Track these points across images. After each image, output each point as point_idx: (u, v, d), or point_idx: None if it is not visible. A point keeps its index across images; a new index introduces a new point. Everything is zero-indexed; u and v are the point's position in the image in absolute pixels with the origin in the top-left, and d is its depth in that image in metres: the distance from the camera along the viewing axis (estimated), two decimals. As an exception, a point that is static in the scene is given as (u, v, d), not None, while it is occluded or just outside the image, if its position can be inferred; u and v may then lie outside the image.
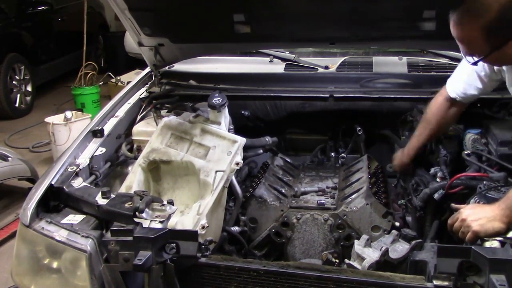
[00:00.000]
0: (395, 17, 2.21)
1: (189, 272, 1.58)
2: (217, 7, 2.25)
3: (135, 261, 1.45)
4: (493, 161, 1.89)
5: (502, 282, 1.26)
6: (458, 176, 1.87)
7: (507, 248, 1.41)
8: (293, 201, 2.13)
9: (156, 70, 2.71)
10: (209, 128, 2.12)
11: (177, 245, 1.52)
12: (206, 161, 2.01)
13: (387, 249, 1.78)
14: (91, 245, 1.60)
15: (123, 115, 2.40)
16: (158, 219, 1.62)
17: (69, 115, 4.86)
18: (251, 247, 2.11)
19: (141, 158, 2.10)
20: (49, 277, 1.70)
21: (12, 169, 3.92)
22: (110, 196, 1.71)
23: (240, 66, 2.88)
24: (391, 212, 2.05)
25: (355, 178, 2.24)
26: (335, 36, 2.43)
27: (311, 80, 2.68)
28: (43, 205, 1.79)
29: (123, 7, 2.29)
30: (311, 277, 1.48)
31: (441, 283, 1.39)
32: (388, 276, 1.48)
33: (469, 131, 2.13)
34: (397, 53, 2.88)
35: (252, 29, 2.33)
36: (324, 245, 2.04)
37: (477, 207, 1.61)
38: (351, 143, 2.64)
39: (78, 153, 2.07)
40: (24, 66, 6.79)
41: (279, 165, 2.43)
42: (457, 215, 1.60)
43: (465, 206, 1.66)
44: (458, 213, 1.61)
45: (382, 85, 2.58)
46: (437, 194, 1.92)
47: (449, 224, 1.64)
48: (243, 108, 2.58)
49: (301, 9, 2.21)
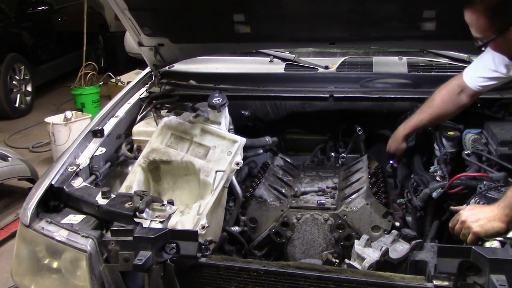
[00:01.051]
0: (395, 17, 2.21)
1: (189, 272, 1.58)
2: (217, 7, 2.26)
3: (135, 261, 1.45)
4: (493, 161, 1.89)
5: (502, 282, 1.26)
6: (458, 176, 1.87)
7: (507, 248, 1.41)
8: (293, 201, 2.13)
9: (156, 70, 2.71)
10: (209, 128, 2.12)
11: (177, 245, 1.52)
12: (206, 161, 2.01)
13: (387, 249, 1.78)
14: (91, 245, 1.60)
15: (123, 115, 2.40)
16: (158, 219, 1.62)
17: (69, 115, 4.86)
18: (251, 247, 2.11)
19: (141, 158, 2.10)
20: (49, 277, 1.70)
21: (12, 169, 3.92)
22: (110, 196, 1.71)
23: (240, 66, 2.88)
24: (391, 212, 2.05)
25: (355, 178, 2.24)
26: (335, 36, 2.43)
27: (311, 80, 2.68)
28: (43, 205, 1.79)
29: (123, 7, 2.29)
30: (311, 277, 1.48)
31: (441, 283, 1.39)
32: (388, 276, 1.48)
33: (469, 131, 2.13)
34: (397, 53, 2.88)
35: (252, 29, 2.33)
36: (324, 245, 2.04)
37: (476, 208, 1.61)
38: (351, 143, 2.64)
39: (78, 153, 2.07)
40: (24, 66, 6.79)
41: (279, 165, 2.43)
42: (457, 217, 1.60)
43: (464, 207, 1.66)
44: (458, 215, 1.61)
45: (382, 85, 2.58)
46: (435, 192, 1.91)
47: (450, 227, 1.63)
48: (243, 108, 2.58)
49: (301, 9, 2.21)
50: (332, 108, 2.51)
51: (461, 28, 1.85)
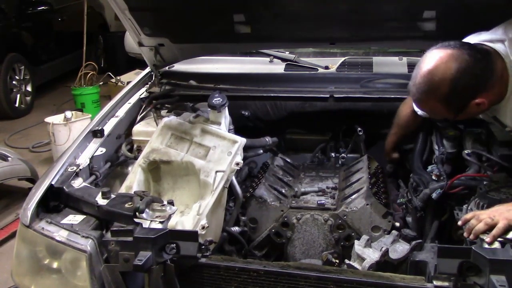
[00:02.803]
0: (395, 17, 2.21)
1: (189, 272, 1.58)
2: (217, 7, 2.25)
3: (135, 261, 1.45)
4: (493, 161, 1.89)
5: (502, 282, 1.26)
6: (458, 177, 1.87)
7: (507, 248, 1.41)
8: (293, 201, 2.13)
9: (156, 70, 2.71)
10: (209, 128, 2.12)
11: (177, 246, 1.52)
12: (206, 161, 2.01)
13: (387, 250, 1.78)
14: (91, 245, 1.60)
15: (123, 115, 2.39)
16: (158, 220, 1.62)
17: (69, 115, 4.86)
18: (251, 247, 2.11)
19: (141, 158, 2.10)
20: (49, 277, 1.70)
21: (12, 169, 3.92)
22: (110, 196, 1.71)
23: (240, 66, 2.88)
24: (391, 212, 2.05)
25: (355, 178, 2.24)
26: (335, 36, 2.43)
27: (311, 80, 2.68)
28: (43, 205, 1.78)
29: (123, 7, 2.29)
30: (311, 278, 1.48)
31: (441, 284, 1.39)
32: (388, 276, 1.48)
33: (469, 131, 2.13)
34: (397, 53, 2.88)
35: (252, 29, 2.33)
36: (324, 246, 2.04)
37: (489, 209, 1.58)
38: (351, 143, 2.64)
39: (78, 153, 2.07)
40: (24, 66, 6.79)
41: (279, 165, 2.43)
42: (473, 213, 1.56)
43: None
44: (473, 213, 1.57)
45: (382, 85, 2.58)
46: (435, 193, 1.92)
47: (465, 218, 1.57)
48: (243, 108, 2.58)
49: (301, 9, 2.21)
50: (332, 108, 2.51)
51: (461, 29, 1.85)
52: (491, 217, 1.48)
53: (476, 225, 1.50)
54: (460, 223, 1.60)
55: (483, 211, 1.56)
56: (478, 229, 1.49)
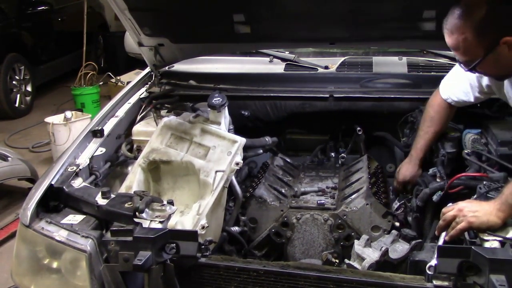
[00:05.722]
0: (395, 17, 2.21)
1: (189, 272, 1.58)
2: (217, 7, 2.25)
3: (135, 261, 1.45)
4: (493, 160, 1.89)
5: (502, 282, 1.26)
6: (458, 176, 1.87)
7: (507, 248, 1.41)
8: (293, 201, 2.13)
9: (156, 70, 2.71)
10: (209, 128, 2.12)
11: (177, 245, 1.52)
12: (206, 161, 2.01)
13: (387, 249, 1.78)
14: (91, 245, 1.60)
15: (123, 115, 2.40)
16: (158, 219, 1.62)
17: (69, 115, 4.86)
18: (251, 247, 2.11)
19: (141, 158, 2.10)
20: (49, 277, 1.70)
21: (12, 169, 3.92)
22: (110, 196, 1.71)
23: (240, 66, 2.88)
24: (391, 212, 2.05)
25: (355, 178, 2.24)
26: (335, 36, 2.43)
27: (311, 80, 2.68)
28: (43, 205, 1.78)
29: (123, 7, 2.29)
30: (311, 277, 1.48)
31: (441, 283, 1.39)
32: (388, 276, 1.48)
33: (469, 131, 2.13)
34: (397, 53, 2.88)
35: (252, 29, 2.33)
36: (324, 245, 2.04)
37: (474, 202, 1.64)
38: (351, 143, 2.64)
39: (78, 153, 2.07)
40: (24, 66, 6.79)
41: (279, 165, 2.43)
42: (453, 206, 1.63)
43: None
44: (455, 204, 1.64)
45: (382, 85, 2.58)
46: (435, 196, 1.92)
47: (443, 211, 1.66)
48: (243, 108, 2.58)
49: (301, 9, 2.21)
50: (332, 108, 2.51)
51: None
52: (458, 220, 1.57)
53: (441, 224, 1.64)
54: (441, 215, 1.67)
55: (461, 205, 1.61)
56: (439, 226, 1.66)
